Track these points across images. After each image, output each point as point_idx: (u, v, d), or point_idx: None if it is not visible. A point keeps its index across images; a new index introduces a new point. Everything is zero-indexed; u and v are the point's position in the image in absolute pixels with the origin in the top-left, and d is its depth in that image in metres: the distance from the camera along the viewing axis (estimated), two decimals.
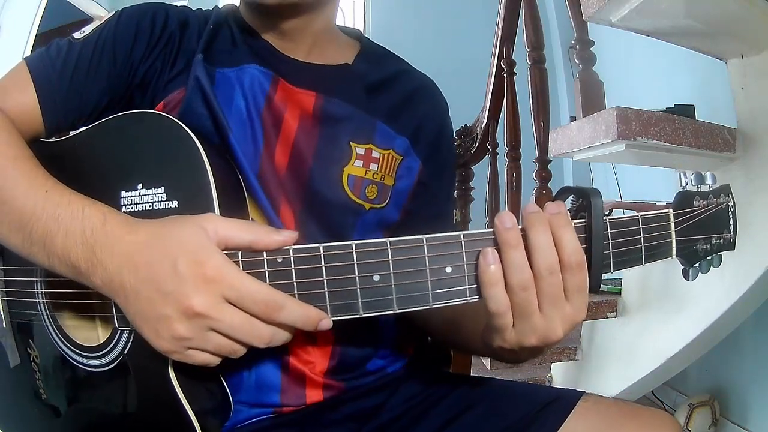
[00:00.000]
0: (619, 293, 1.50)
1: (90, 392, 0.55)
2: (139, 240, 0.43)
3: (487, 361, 1.52)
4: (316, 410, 0.62)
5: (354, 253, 0.43)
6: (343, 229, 0.62)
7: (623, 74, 2.33)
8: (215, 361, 0.44)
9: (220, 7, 0.67)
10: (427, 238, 0.43)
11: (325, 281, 0.43)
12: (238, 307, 0.41)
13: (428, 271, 0.43)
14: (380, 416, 0.62)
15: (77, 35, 0.58)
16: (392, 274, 0.43)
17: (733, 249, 0.52)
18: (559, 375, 1.69)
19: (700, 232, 0.50)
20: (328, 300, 0.43)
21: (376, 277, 0.43)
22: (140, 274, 0.42)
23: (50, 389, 0.58)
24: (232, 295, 0.41)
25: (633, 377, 1.38)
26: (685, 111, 1.16)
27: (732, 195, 0.52)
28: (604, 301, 1.47)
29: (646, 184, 2.26)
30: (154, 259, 0.42)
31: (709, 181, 0.51)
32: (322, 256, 0.43)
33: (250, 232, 0.43)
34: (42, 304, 0.56)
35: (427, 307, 0.44)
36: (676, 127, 1.05)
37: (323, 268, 0.43)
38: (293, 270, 0.43)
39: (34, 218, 0.46)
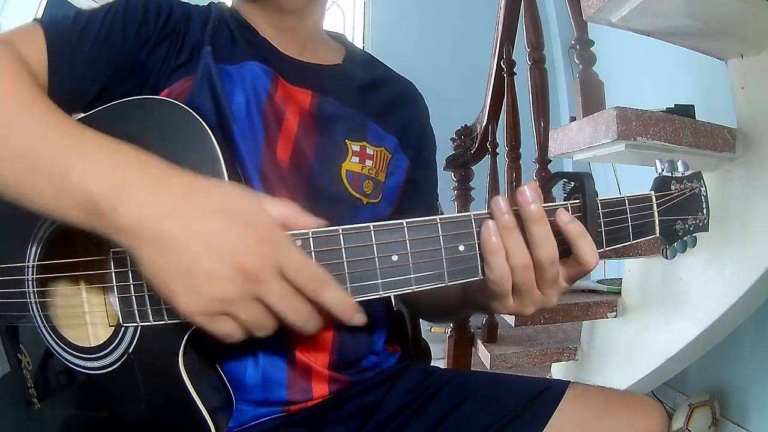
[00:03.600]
0: (619, 293, 1.50)
1: (91, 397, 0.53)
2: (191, 188, 0.40)
3: (487, 361, 1.52)
4: (321, 408, 0.63)
5: (372, 233, 0.43)
6: (342, 223, 0.63)
7: (623, 74, 2.32)
8: (238, 334, 0.41)
9: (216, 2, 0.68)
10: (440, 218, 0.45)
11: (345, 263, 0.43)
12: (288, 279, 0.40)
13: (443, 249, 0.45)
14: (381, 412, 0.63)
15: (85, 8, 0.57)
16: (409, 254, 0.44)
17: (707, 231, 0.57)
18: (559, 375, 1.69)
19: (678, 213, 0.55)
20: (348, 281, 0.43)
21: (395, 257, 0.44)
22: (188, 225, 0.38)
23: (45, 397, 0.55)
24: (286, 262, 0.39)
25: (633, 377, 1.38)
26: (685, 111, 1.16)
27: (704, 181, 0.57)
28: (604, 301, 1.47)
29: (646, 184, 2.26)
30: (210, 212, 0.39)
31: (680, 168, 0.56)
32: (341, 237, 0.43)
33: (285, 206, 0.43)
34: (34, 304, 0.52)
35: (443, 284, 0.45)
36: (676, 127, 1.05)
37: (343, 249, 0.43)
38: (312, 252, 0.43)
39: (46, 143, 0.39)
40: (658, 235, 0.53)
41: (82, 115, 0.54)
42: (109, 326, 0.50)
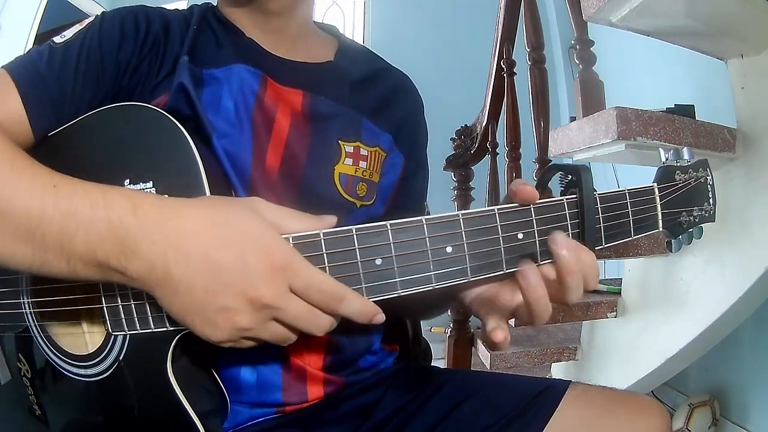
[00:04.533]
0: (619, 293, 1.50)
1: (87, 403, 0.53)
2: (188, 226, 0.39)
3: (487, 361, 1.52)
4: (317, 409, 0.62)
5: (354, 236, 0.42)
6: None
7: (623, 74, 2.32)
8: (260, 344, 0.43)
9: (198, 4, 0.66)
10: (426, 219, 0.43)
11: (327, 268, 0.42)
12: (302, 297, 0.40)
13: (429, 251, 0.43)
14: (378, 412, 0.63)
15: (58, 39, 0.54)
16: (394, 257, 0.43)
17: (714, 221, 0.54)
18: (559, 375, 1.69)
19: (682, 204, 0.52)
20: None
21: (379, 261, 0.43)
22: (193, 264, 0.39)
23: (44, 404, 0.55)
24: (298, 284, 0.40)
25: (633, 377, 1.38)
26: (685, 111, 1.16)
27: (710, 169, 0.54)
28: (604, 301, 1.47)
29: (646, 184, 2.25)
30: (211, 247, 0.39)
31: (686, 156, 0.53)
32: (322, 242, 0.42)
33: (299, 220, 0.43)
34: (30, 315, 0.52)
35: (430, 287, 0.44)
36: (676, 127, 1.05)
37: (324, 255, 0.42)
38: None
39: (45, 220, 0.40)
40: (661, 229, 0.51)
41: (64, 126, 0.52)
42: (104, 332, 0.50)
